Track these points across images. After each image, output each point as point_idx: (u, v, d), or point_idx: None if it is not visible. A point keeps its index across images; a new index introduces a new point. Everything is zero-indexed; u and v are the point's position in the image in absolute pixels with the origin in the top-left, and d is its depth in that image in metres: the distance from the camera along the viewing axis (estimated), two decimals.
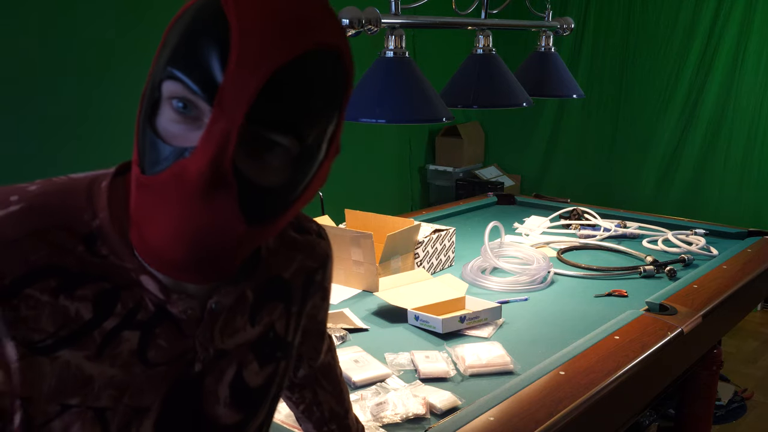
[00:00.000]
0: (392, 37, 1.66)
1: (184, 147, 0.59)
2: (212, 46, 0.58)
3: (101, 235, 0.66)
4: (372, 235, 1.96)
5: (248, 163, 0.60)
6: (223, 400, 0.75)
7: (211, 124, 0.57)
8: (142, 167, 0.62)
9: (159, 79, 0.61)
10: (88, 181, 0.69)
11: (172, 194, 0.60)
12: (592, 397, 1.35)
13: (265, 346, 0.79)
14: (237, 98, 0.57)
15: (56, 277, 0.63)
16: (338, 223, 2.30)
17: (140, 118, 0.63)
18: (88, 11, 3.05)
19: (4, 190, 0.65)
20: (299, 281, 0.83)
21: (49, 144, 2.98)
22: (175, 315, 0.69)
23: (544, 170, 5.15)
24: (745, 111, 4.20)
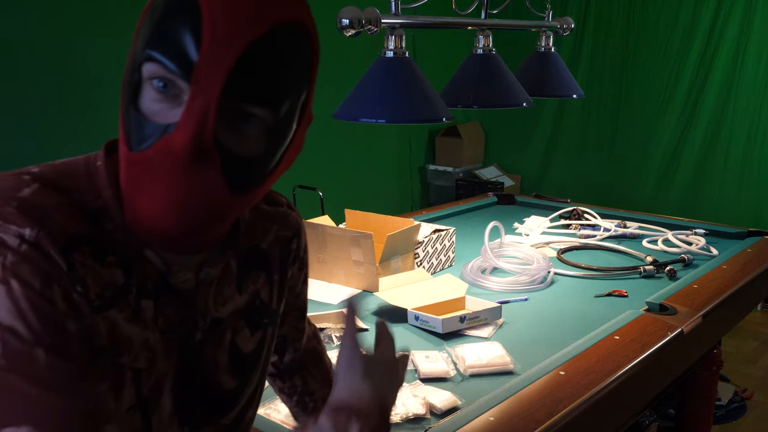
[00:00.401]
0: (392, 37, 1.66)
1: (167, 123, 0.63)
2: (185, 27, 0.62)
3: (106, 213, 0.70)
4: (372, 235, 1.96)
5: (228, 135, 0.65)
6: (223, 366, 0.80)
7: (191, 101, 0.62)
8: (129, 146, 0.66)
9: (139, 61, 0.65)
10: (84, 162, 0.72)
11: (159, 168, 0.64)
12: (592, 397, 1.35)
13: (253, 313, 0.85)
14: (212, 75, 0.61)
15: (89, 245, 0.67)
16: (338, 223, 2.30)
17: (123, 100, 0.67)
18: (88, 11, 3.05)
19: (14, 173, 0.68)
20: (276, 250, 0.89)
21: (49, 144, 2.98)
22: (174, 285, 0.74)
23: (544, 170, 5.15)
24: (745, 111, 4.20)
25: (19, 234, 0.62)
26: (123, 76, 0.68)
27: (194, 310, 0.76)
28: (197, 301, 0.77)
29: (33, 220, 0.63)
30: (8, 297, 0.61)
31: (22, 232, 0.62)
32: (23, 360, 0.60)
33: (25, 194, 0.65)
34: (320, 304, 1.92)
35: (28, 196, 0.65)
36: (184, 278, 0.75)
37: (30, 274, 0.62)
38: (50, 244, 0.63)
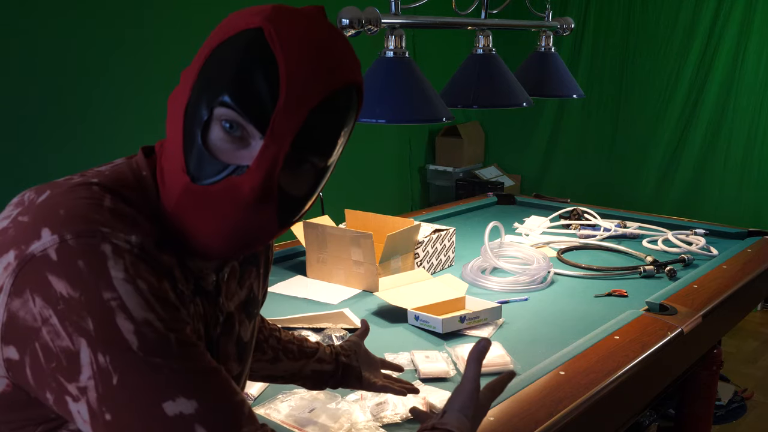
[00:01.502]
0: (392, 37, 1.66)
1: (235, 164, 0.70)
2: (263, 83, 0.68)
3: (156, 220, 0.75)
4: (372, 235, 1.96)
5: (287, 180, 0.73)
6: (232, 356, 0.89)
7: (264, 150, 0.69)
8: (191, 176, 0.72)
9: (211, 103, 0.70)
10: (129, 171, 0.77)
11: (222, 203, 0.71)
12: (592, 397, 1.35)
13: (249, 305, 0.93)
14: (286, 129, 0.69)
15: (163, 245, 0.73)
16: (338, 223, 2.30)
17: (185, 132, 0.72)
18: (88, 11, 3.05)
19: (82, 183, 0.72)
20: None
21: (49, 144, 2.98)
22: (203, 288, 0.81)
23: (544, 170, 5.15)
24: (745, 111, 4.20)
25: (127, 240, 0.68)
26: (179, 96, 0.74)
27: (216, 308, 0.84)
28: (218, 299, 0.84)
29: (130, 226, 0.69)
30: (137, 294, 0.66)
31: (128, 239, 0.68)
32: (161, 345, 0.67)
33: (109, 204, 0.70)
34: (320, 304, 1.92)
35: (113, 206, 0.70)
36: (210, 280, 0.82)
37: (148, 272, 0.68)
38: (150, 247, 0.70)
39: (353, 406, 1.34)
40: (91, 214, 0.67)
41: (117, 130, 3.17)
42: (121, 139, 3.15)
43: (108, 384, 0.64)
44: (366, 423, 1.28)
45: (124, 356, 0.64)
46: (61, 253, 0.64)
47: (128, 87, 3.19)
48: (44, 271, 0.64)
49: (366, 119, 1.62)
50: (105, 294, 0.64)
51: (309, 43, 0.70)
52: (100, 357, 0.64)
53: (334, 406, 1.33)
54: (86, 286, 0.64)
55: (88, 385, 0.64)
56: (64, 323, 0.64)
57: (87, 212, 0.68)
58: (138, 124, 3.19)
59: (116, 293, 0.65)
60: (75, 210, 0.67)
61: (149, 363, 0.65)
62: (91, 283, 0.64)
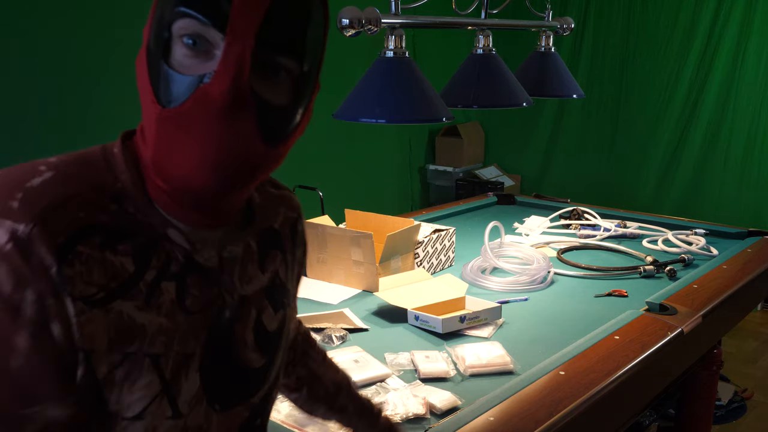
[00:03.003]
0: (392, 37, 1.66)
1: (202, 74, 0.65)
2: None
3: (125, 196, 0.71)
4: (372, 235, 1.96)
5: (260, 85, 0.67)
6: (250, 344, 0.81)
7: (227, 49, 0.64)
8: (161, 104, 0.67)
9: (168, 20, 0.66)
10: (101, 150, 0.74)
11: (197, 119, 0.65)
12: (592, 397, 1.35)
13: (275, 292, 0.86)
14: (246, 22, 0.64)
15: (99, 234, 0.67)
16: (338, 223, 2.30)
17: (149, 61, 0.69)
18: (88, 11, 3.05)
19: (29, 163, 0.69)
20: (287, 230, 0.91)
21: (49, 144, 2.98)
22: (201, 264, 0.75)
23: (544, 170, 5.15)
24: (745, 111, 4.20)
25: (12, 229, 0.62)
26: (146, 41, 0.70)
27: (220, 288, 0.77)
28: (222, 278, 0.78)
29: (32, 214, 0.63)
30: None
31: (16, 228, 0.62)
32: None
33: (34, 184, 0.65)
34: (320, 304, 1.92)
35: (36, 186, 0.65)
36: (208, 255, 0.76)
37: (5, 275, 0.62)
38: (43, 242, 0.63)
39: None
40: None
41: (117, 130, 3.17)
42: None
43: None
44: None
45: None
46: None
47: (128, 87, 3.18)
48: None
49: (366, 119, 1.62)
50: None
51: None
52: None
53: None
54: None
55: None
56: None
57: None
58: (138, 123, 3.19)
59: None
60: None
61: None
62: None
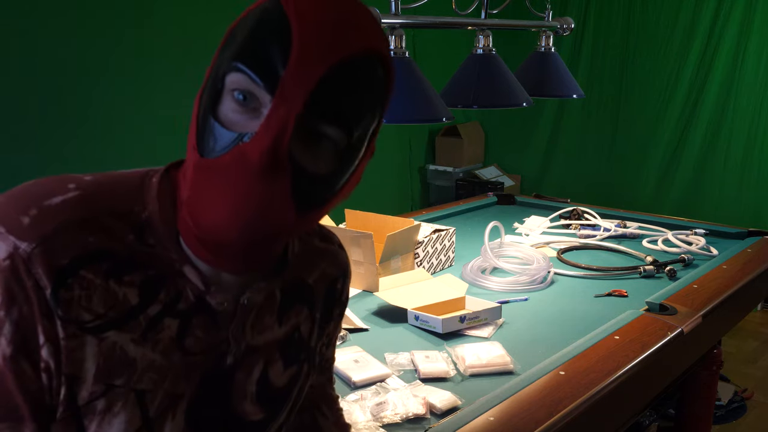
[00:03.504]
0: (392, 37, 1.66)
1: (244, 132, 0.64)
2: (274, 43, 0.64)
3: (149, 226, 0.70)
4: (372, 235, 1.96)
5: (301, 151, 0.66)
6: (250, 396, 0.79)
7: (272, 111, 0.63)
8: (201, 152, 0.67)
9: (223, 72, 0.66)
10: (141, 175, 0.73)
11: (231, 174, 0.64)
12: (592, 397, 1.35)
13: (291, 347, 0.83)
14: (297, 88, 0.63)
15: (107, 261, 0.67)
16: (338, 223, 2.30)
17: (200, 108, 0.68)
18: (88, 11, 3.05)
19: (62, 178, 0.69)
20: (322, 288, 0.88)
21: (49, 144, 2.98)
22: (212, 306, 0.74)
23: (544, 170, 5.15)
24: (745, 111, 4.20)
25: (14, 246, 0.63)
26: (201, 89, 0.69)
27: (228, 334, 0.76)
28: (233, 325, 0.76)
29: (39, 233, 0.64)
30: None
31: (18, 245, 0.63)
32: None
33: (53, 202, 0.65)
34: None
35: (54, 205, 0.65)
36: (222, 299, 0.74)
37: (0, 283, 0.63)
38: (42, 263, 0.63)
39: (353, 406, 1.34)
40: (6, 208, 0.65)
41: (117, 129, 3.17)
42: (121, 138, 3.15)
43: None
44: (366, 423, 1.28)
45: None
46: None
47: (128, 87, 3.19)
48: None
49: None
50: None
51: (327, 7, 0.65)
52: None
53: None
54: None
55: None
56: None
57: (9, 203, 0.65)
58: (138, 123, 3.19)
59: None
60: (7, 198, 0.66)
61: None
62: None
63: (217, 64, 0.68)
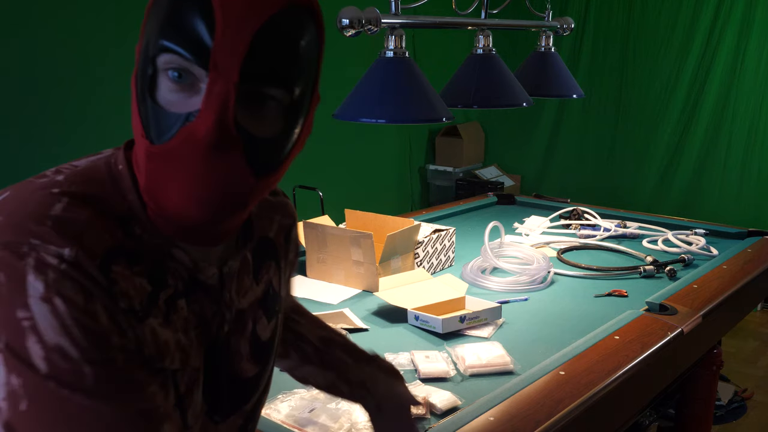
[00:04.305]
0: (392, 37, 1.66)
1: (187, 112, 0.64)
2: (197, 15, 0.63)
3: (133, 217, 0.70)
4: (372, 235, 1.96)
5: (247, 119, 0.65)
6: (246, 355, 0.83)
7: (210, 86, 0.62)
8: (149, 139, 0.66)
9: (152, 54, 0.65)
10: (105, 166, 0.72)
11: (183, 157, 0.64)
12: (592, 397, 1.35)
13: (268, 302, 0.87)
14: (229, 59, 0.62)
15: (124, 255, 0.68)
16: (338, 223, 2.30)
17: (137, 94, 0.68)
18: (87, 11, 3.05)
19: (39, 186, 0.67)
20: (281, 238, 0.92)
21: (48, 144, 2.98)
22: (202, 282, 0.75)
23: (544, 170, 5.15)
24: (745, 111, 4.20)
25: (58, 254, 0.62)
26: (133, 72, 0.69)
27: (221, 304, 0.78)
28: (223, 294, 0.78)
29: (69, 238, 0.63)
30: (53, 315, 0.60)
31: (61, 252, 0.62)
32: (72, 375, 0.61)
33: (57, 211, 0.64)
34: (320, 304, 1.92)
35: (60, 213, 0.64)
36: (210, 273, 0.76)
37: (72, 291, 0.62)
38: (89, 262, 0.63)
39: (353, 406, 1.34)
40: (27, 224, 0.62)
41: (117, 128, 3.17)
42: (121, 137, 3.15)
43: (16, 408, 0.60)
44: (366, 423, 1.28)
45: (34, 382, 0.60)
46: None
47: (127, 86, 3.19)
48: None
49: (366, 119, 1.62)
50: (19, 312, 0.60)
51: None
52: (13, 378, 0.60)
53: (334, 406, 1.33)
54: (2, 301, 0.60)
55: (2, 406, 0.61)
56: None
57: (24, 221, 0.63)
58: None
59: (30, 312, 0.60)
60: (13, 218, 0.63)
61: (58, 394, 0.60)
62: (8, 299, 0.60)
63: (144, 44, 0.67)
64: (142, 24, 0.69)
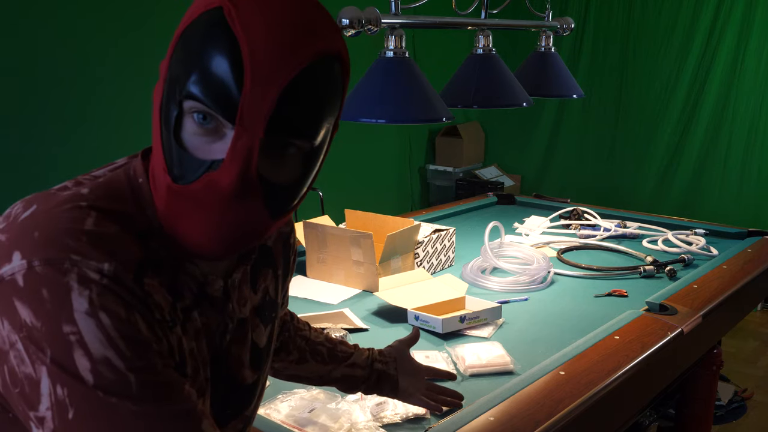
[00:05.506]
0: (392, 37, 1.66)
1: (211, 159, 0.66)
2: (227, 68, 0.63)
3: (151, 231, 0.72)
4: (372, 235, 1.96)
5: (268, 168, 0.67)
6: (246, 363, 0.85)
7: (235, 141, 0.64)
8: (171, 176, 0.68)
9: (179, 97, 0.66)
10: (126, 179, 0.74)
11: (205, 202, 0.67)
12: (592, 397, 1.35)
13: (265, 309, 0.90)
14: (255, 115, 0.63)
15: (149, 268, 0.70)
16: (338, 223, 2.30)
17: (162, 130, 0.69)
18: (87, 11, 3.05)
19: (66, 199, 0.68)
20: (279, 246, 0.95)
21: (48, 144, 2.98)
22: (210, 294, 0.78)
23: (544, 170, 5.15)
24: (745, 111, 4.20)
25: (98, 269, 0.64)
26: (158, 88, 0.70)
27: (224, 315, 0.81)
28: (227, 306, 0.81)
29: (106, 253, 0.65)
30: (98, 329, 0.63)
31: (101, 267, 0.64)
32: (118, 384, 0.63)
33: (89, 226, 0.66)
34: (320, 304, 1.92)
35: (93, 228, 0.66)
36: (217, 286, 0.79)
37: (115, 304, 0.64)
38: (126, 276, 0.66)
39: (353, 406, 1.34)
40: (65, 239, 0.64)
41: (118, 126, 3.17)
42: (122, 134, 3.15)
43: (64, 418, 0.62)
44: (366, 423, 1.28)
45: (81, 392, 0.62)
46: (28, 279, 0.62)
47: (127, 87, 3.19)
48: (11, 295, 0.62)
49: (366, 119, 1.62)
50: (65, 327, 0.62)
51: (273, 17, 0.63)
52: (59, 389, 0.62)
53: (334, 406, 1.33)
54: (48, 316, 0.62)
55: (46, 415, 0.63)
56: (28, 350, 0.62)
57: (61, 237, 0.64)
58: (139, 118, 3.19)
59: (76, 327, 0.62)
60: (49, 234, 0.64)
61: (105, 402, 0.62)
62: (53, 314, 0.62)
63: (171, 76, 0.68)
64: (171, 44, 0.69)
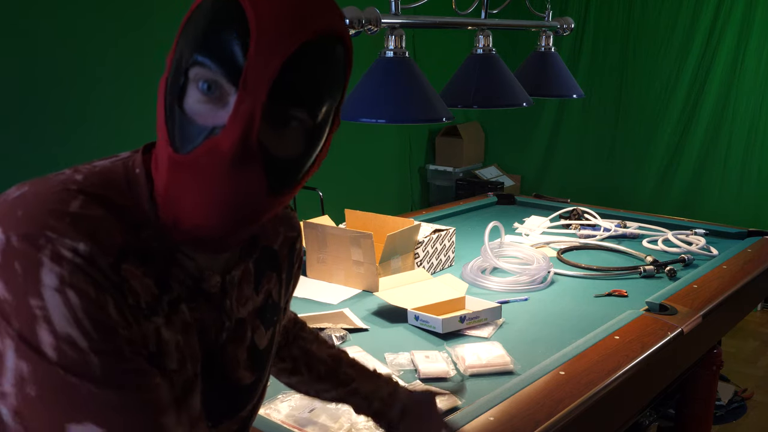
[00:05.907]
0: (392, 37, 1.66)
1: (212, 125, 0.66)
2: (233, 34, 0.65)
3: (144, 222, 0.72)
4: (372, 235, 1.96)
5: (269, 137, 0.68)
6: (243, 363, 0.84)
7: (238, 104, 0.65)
8: (173, 147, 0.68)
9: (185, 66, 0.68)
10: (123, 169, 0.74)
11: (205, 168, 0.67)
12: (592, 397, 1.35)
13: (267, 311, 0.89)
14: (259, 79, 0.65)
15: (134, 255, 0.70)
16: (338, 223, 2.30)
17: (166, 103, 0.70)
18: (87, 11, 3.05)
19: (58, 182, 0.69)
20: (285, 250, 0.94)
21: (48, 144, 2.98)
22: (205, 290, 0.78)
23: (544, 170, 5.15)
24: (745, 111, 4.20)
25: (73, 247, 0.64)
26: (162, 78, 0.71)
27: (221, 312, 0.80)
28: (224, 303, 0.80)
29: (84, 234, 0.65)
30: (65, 306, 0.63)
31: (75, 246, 0.64)
32: (80, 364, 0.63)
33: (74, 208, 0.66)
34: (320, 304, 1.92)
35: (77, 210, 0.66)
36: (214, 282, 0.78)
37: (85, 284, 0.64)
38: (102, 258, 0.66)
39: None
40: (46, 218, 0.64)
41: (118, 127, 3.17)
42: (122, 134, 3.15)
43: (24, 393, 0.63)
44: (366, 423, 1.28)
45: (43, 368, 0.62)
46: (4, 253, 0.63)
47: (129, 83, 3.19)
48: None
49: (366, 119, 1.62)
50: (32, 301, 0.62)
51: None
52: (23, 364, 0.63)
53: (334, 406, 1.33)
54: (17, 290, 0.62)
55: (9, 391, 0.64)
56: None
57: (44, 216, 0.64)
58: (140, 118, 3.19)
59: (42, 302, 0.62)
60: (33, 212, 0.65)
61: (66, 382, 0.63)
62: (22, 287, 0.62)
63: (177, 55, 0.70)
64: (177, 35, 0.71)
